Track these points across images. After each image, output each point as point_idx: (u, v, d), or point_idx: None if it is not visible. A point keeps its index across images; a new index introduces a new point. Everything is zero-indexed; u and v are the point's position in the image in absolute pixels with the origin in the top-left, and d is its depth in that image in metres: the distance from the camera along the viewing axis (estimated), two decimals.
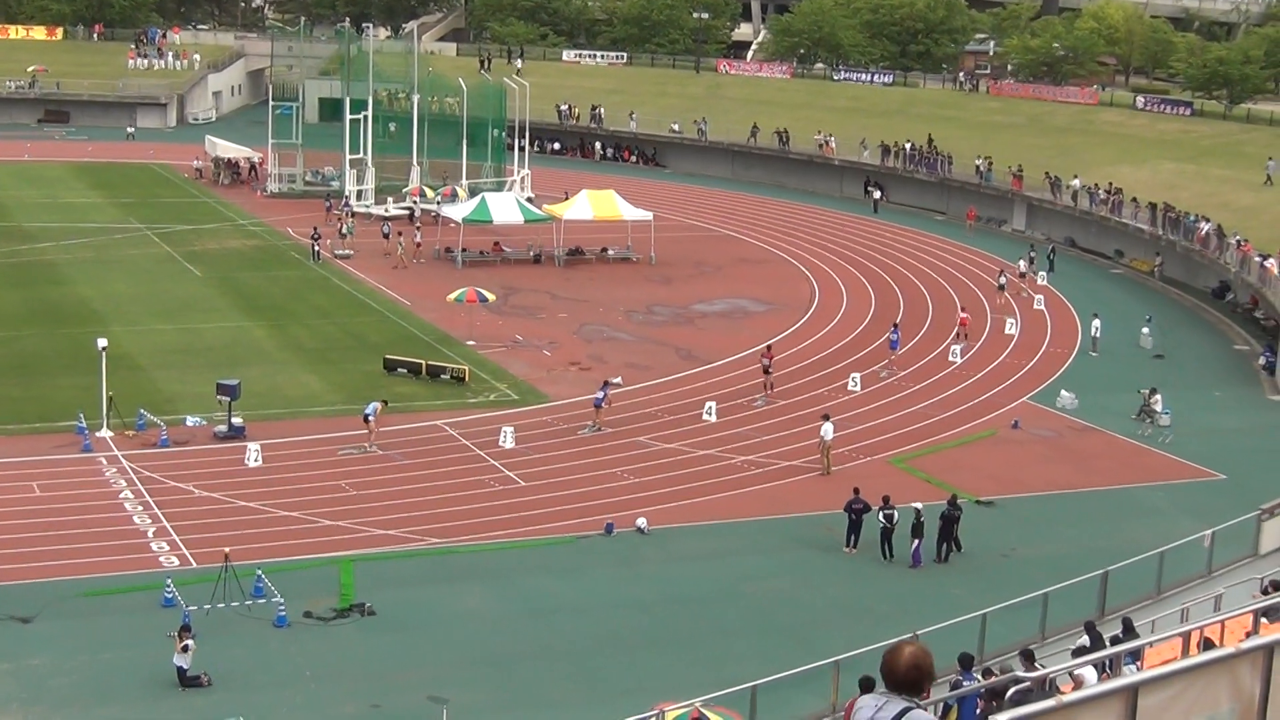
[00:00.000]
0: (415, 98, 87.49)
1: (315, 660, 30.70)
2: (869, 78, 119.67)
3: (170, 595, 32.65)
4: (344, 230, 73.84)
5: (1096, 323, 60.35)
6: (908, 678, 8.68)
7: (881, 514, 37.45)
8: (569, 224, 73.03)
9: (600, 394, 46.98)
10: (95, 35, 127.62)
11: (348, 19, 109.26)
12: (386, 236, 72.91)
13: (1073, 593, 30.09)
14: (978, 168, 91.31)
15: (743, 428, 47.46)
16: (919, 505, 37.52)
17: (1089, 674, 19.74)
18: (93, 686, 29.34)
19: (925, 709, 8.69)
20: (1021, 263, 73.13)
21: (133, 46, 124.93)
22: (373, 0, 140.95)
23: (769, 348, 53.24)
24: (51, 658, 30.37)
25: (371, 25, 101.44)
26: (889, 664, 8.79)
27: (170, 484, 40.07)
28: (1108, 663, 21.56)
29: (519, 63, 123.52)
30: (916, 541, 37.09)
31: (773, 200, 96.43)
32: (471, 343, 56.54)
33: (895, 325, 58.33)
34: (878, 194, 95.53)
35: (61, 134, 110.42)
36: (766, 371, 51.11)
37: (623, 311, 63.10)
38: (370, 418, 43.53)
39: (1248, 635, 20.46)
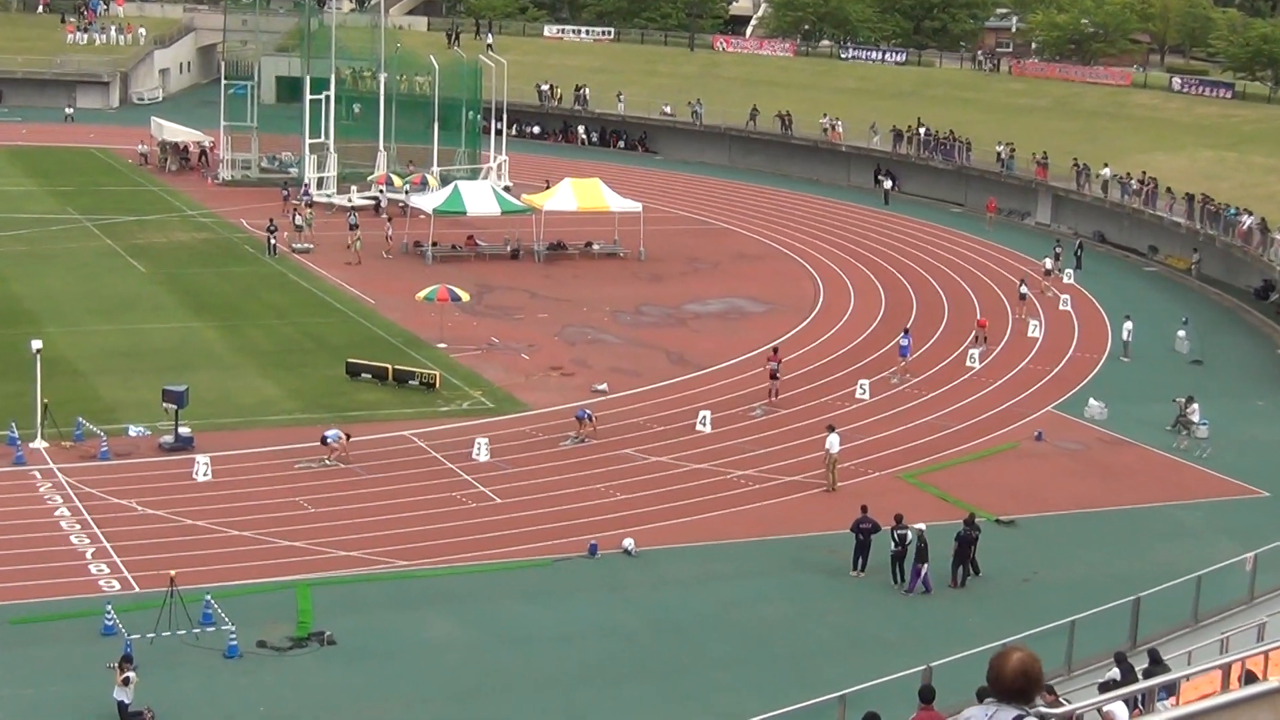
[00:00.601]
0: (382, 76, 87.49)
1: (270, 694, 30.64)
2: (880, 56, 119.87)
3: (111, 622, 32.55)
4: (300, 222, 73.71)
5: (1128, 325, 60.43)
6: (1014, 685, 9.10)
7: (895, 534, 37.43)
8: (550, 215, 73.01)
9: (585, 411, 46.96)
10: (41, 7, 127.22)
11: None
12: (354, 228, 72.77)
13: (1101, 621, 30.13)
14: (999, 155, 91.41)
15: (740, 440, 47.46)
16: (922, 526, 37.46)
17: (1119, 710, 19.77)
18: None
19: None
20: (1047, 261, 73.11)
21: (72, 19, 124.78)
22: None
23: (775, 350, 53.27)
24: None
25: None
26: (995, 671, 9.19)
27: (111, 500, 39.98)
28: (1140, 697, 21.57)
29: (490, 38, 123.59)
30: (924, 566, 37.07)
31: (774, 190, 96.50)
32: (443, 345, 56.52)
33: (906, 330, 58.17)
34: (889, 183, 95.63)
35: None
36: (774, 377, 51.15)
37: (609, 312, 63.11)
38: (329, 441, 43.45)
39: None
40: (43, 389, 43.97)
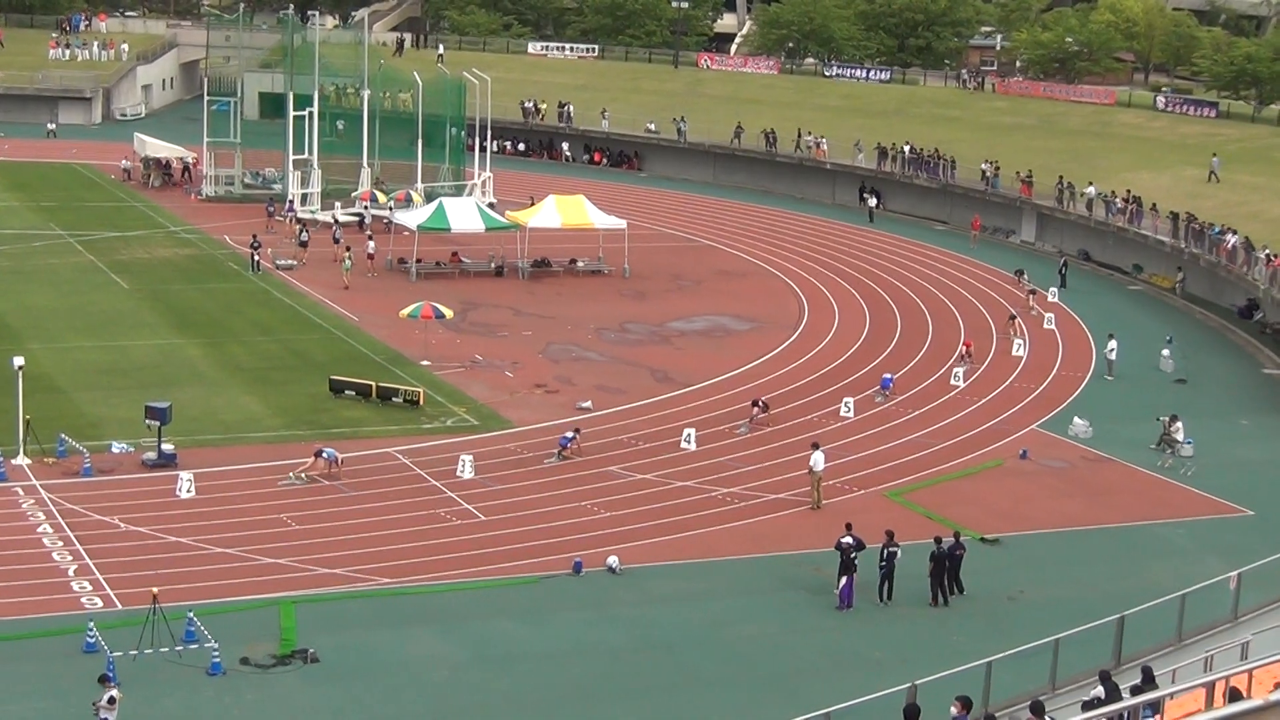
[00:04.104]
0: (365, 93, 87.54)
1: (253, 712, 30.60)
2: (864, 74, 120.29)
3: (93, 640, 32.49)
4: (304, 238, 74.01)
5: (1112, 344, 60.58)
6: None
7: (885, 551, 37.49)
8: (534, 232, 73.08)
9: (570, 434, 46.86)
10: (86, 21, 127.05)
11: (291, 6, 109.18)
12: (337, 242, 73.23)
13: (1086, 639, 30.17)
14: (983, 173, 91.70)
15: (724, 457, 47.52)
16: (848, 539, 37.43)
17: None
18: None
19: None
20: (1031, 286, 72.51)
21: (54, 34, 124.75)
22: None
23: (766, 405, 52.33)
24: None
25: (318, 13, 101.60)
26: None
27: (94, 517, 39.93)
28: (1124, 715, 21.69)
29: (440, 49, 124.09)
30: (844, 579, 37.12)
31: (758, 207, 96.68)
32: (426, 363, 56.55)
33: (887, 383, 56.95)
34: (873, 201, 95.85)
35: None
36: (754, 406, 50.93)
37: (593, 329, 63.18)
38: (324, 456, 43.46)
39: (1277, 686, 20.63)
40: (25, 405, 43.88)
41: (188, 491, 41.64)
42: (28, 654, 32.48)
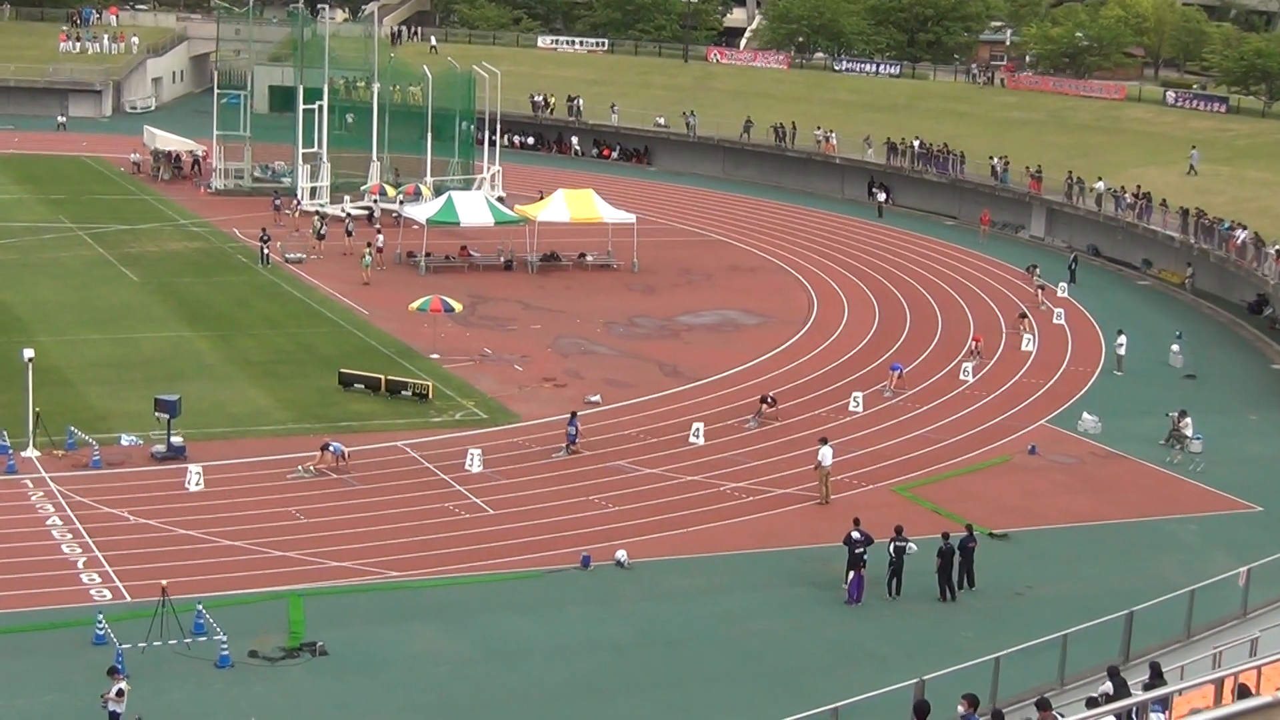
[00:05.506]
0: (375, 86, 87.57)
1: (261, 705, 30.63)
2: (874, 69, 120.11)
3: (102, 632, 32.53)
4: (323, 231, 74.04)
5: (1122, 339, 60.55)
6: None
7: (892, 546, 37.47)
8: (543, 226, 73.08)
9: (573, 429, 46.83)
10: (96, 14, 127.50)
11: (301, 0, 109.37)
12: (350, 235, 73.33)
13: (1094, 635, 30.17)
14: (993, 168, 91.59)
15: (733, 452, 47.49)
16: (856, 534, 37.43)
17: None
18: None
19: None
20: (1040, 282, 72.55)
21: (65, 27, 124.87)
22: None
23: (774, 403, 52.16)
24: None
25: (327, 7, 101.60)
26: None
27: (103, 509, 39.96)
28: (1132, 711, 21.66)
29: (433, 41, 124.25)
30: (852, 574, 37.12)
31: (767, 202, 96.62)
32: (435, 356, 56.56)
33: (896, 364, 57.09)
34: (883, 196, 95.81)
35: None
36: (763, 401, 50.93)
37: (602, 323, 63.15)
38: (330, 451, 43.46)
39: None
40: (34, 398, 44.00)
41: (196, 484, 41.67)
42: (37, 646, 32.53)
